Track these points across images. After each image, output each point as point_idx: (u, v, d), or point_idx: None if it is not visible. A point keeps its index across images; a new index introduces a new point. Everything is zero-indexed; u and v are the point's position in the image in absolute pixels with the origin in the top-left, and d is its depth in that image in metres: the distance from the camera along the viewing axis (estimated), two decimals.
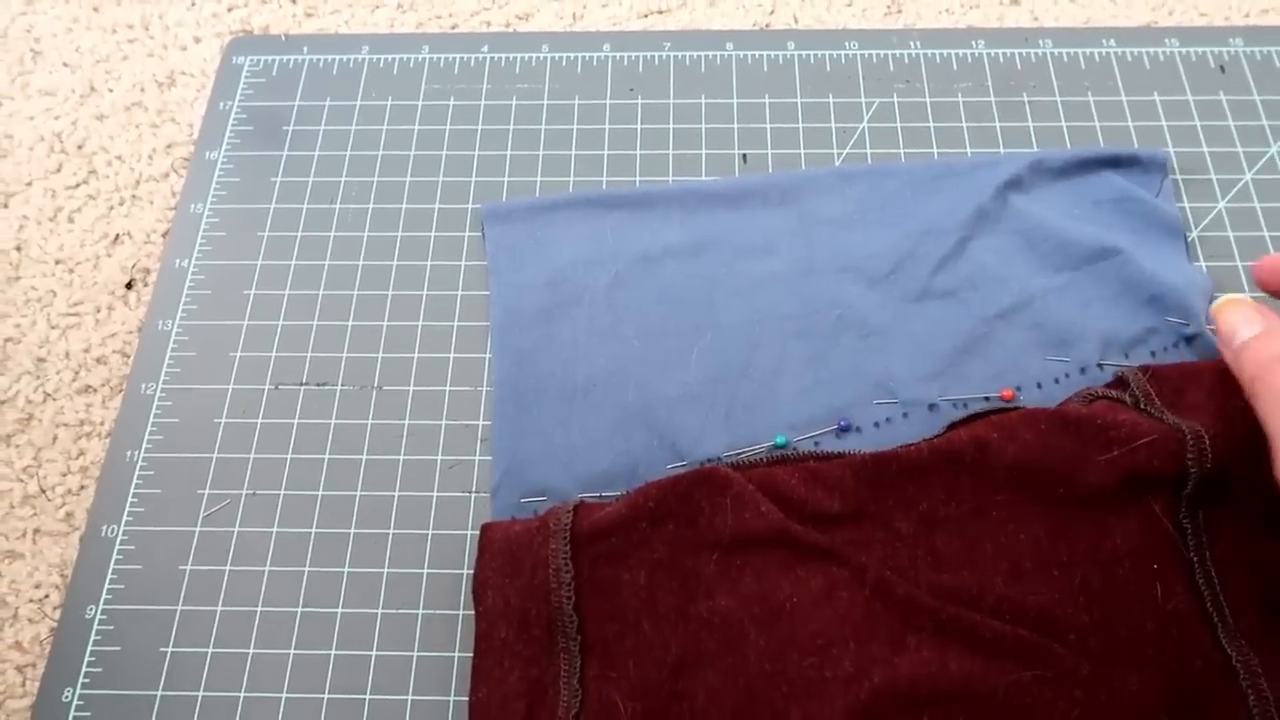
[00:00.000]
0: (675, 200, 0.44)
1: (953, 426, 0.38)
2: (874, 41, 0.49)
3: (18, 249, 0.45)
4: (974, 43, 0.49)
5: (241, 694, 0.35)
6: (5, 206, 0.47)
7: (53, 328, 0.43)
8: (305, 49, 0.50)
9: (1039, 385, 0.40)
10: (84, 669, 0.36)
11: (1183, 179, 0.44)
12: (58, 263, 0.45)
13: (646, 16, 0.51)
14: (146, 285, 0.44)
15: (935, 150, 0.46)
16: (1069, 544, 0.34)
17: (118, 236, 0.46)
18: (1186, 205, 0.44)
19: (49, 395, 0.42)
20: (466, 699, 0.34)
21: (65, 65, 0.51)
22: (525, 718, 0.33)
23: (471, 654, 0.34)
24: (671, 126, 0.47)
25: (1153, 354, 0.40)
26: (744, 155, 0.46)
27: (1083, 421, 0.35)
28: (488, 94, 0.48)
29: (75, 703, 0.36)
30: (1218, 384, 0.37)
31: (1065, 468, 0.35)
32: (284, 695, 0.35)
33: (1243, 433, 0.35)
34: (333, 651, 0.36)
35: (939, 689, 0.33)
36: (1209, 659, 0.33)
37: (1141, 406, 0.36)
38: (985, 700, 0.32)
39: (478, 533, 0.36)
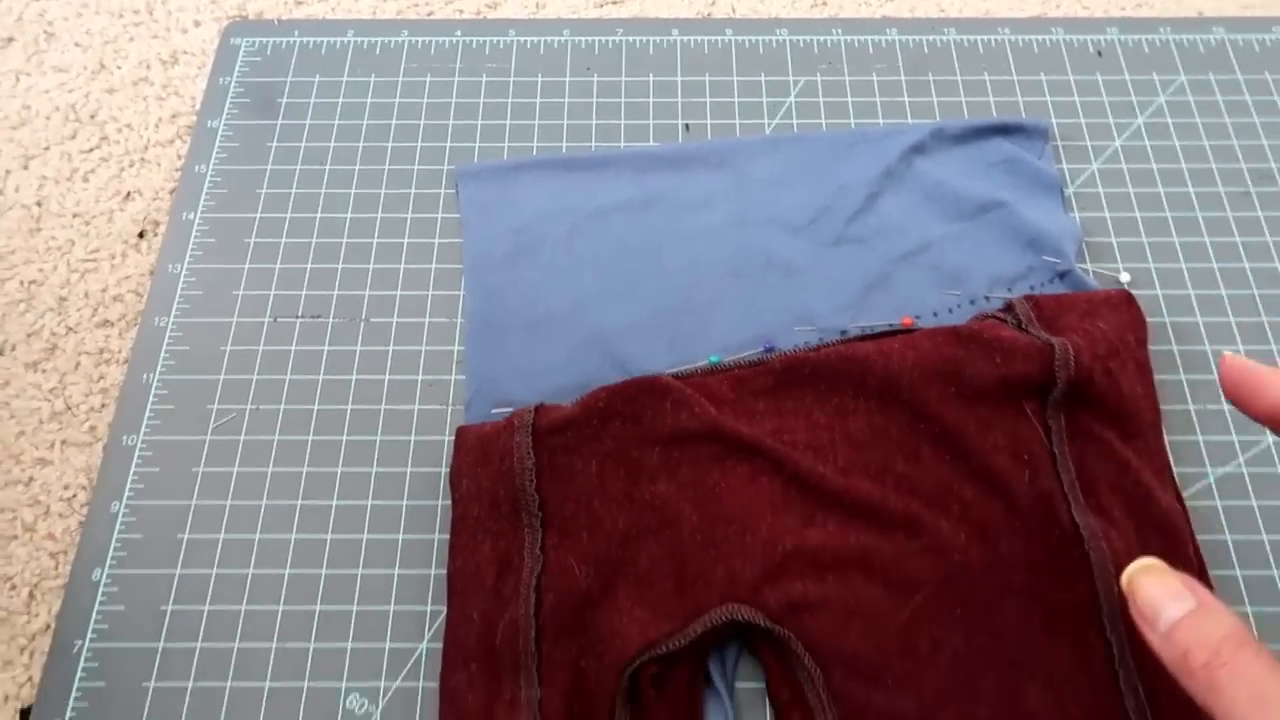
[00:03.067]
0: (626, 163, 0.51)
1: (857, 339, 0.44)
2: (801, 29, 0.56)
3: (38, 204, 0.51)
4: (888, 30, 0.56)
5: (250, 570, 0.41)
6: (25, 168, 0.52)
7: (73, 271, 0.49)
8: (296, 32, 0.56)
9: (935, 314, 0.46)
10: (110, 553, 0.41)
11: (1062, 145, 0.51)
12: (75, 216, 0.51)
13: (601, 6, 0.58)
14: (157, 235, 0.50)
15: (853, 121, 0.52)
16: (959, 434, 0.41)
17: (129, 194, 0.51)
18: (1064, 166, 0.51)
19: (71, 329, 0.47)
20: (445, 571, 0.40)
21: (77, 45, 0.56)
22: (496, 579, 0.39)
23: (449, 535, 0.40)
24: (623, 100, 0.53)
25: (1031, 288, 0.47)
26: (686, 125, 0.53)
27: (972, 335, 0.42)
28: (460, 72, 0.55)
29: (104, 581, 0.41)
30: (1084, 313, 0.44)
31: (957, 372, 0.41)
32: (287, 571, 0.41)
33: (1103, 351, 0.42)
34: (329, 536, 0.42)
35: (840, 555, 0.39)
36: (1063, 528, 0.39)
37: (1022, 327, 0.43)
38: (878, 564, 0.39)
39: (454, 437, 0.42)
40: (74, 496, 0.43)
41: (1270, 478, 0.42)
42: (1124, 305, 0.44)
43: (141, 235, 0.50)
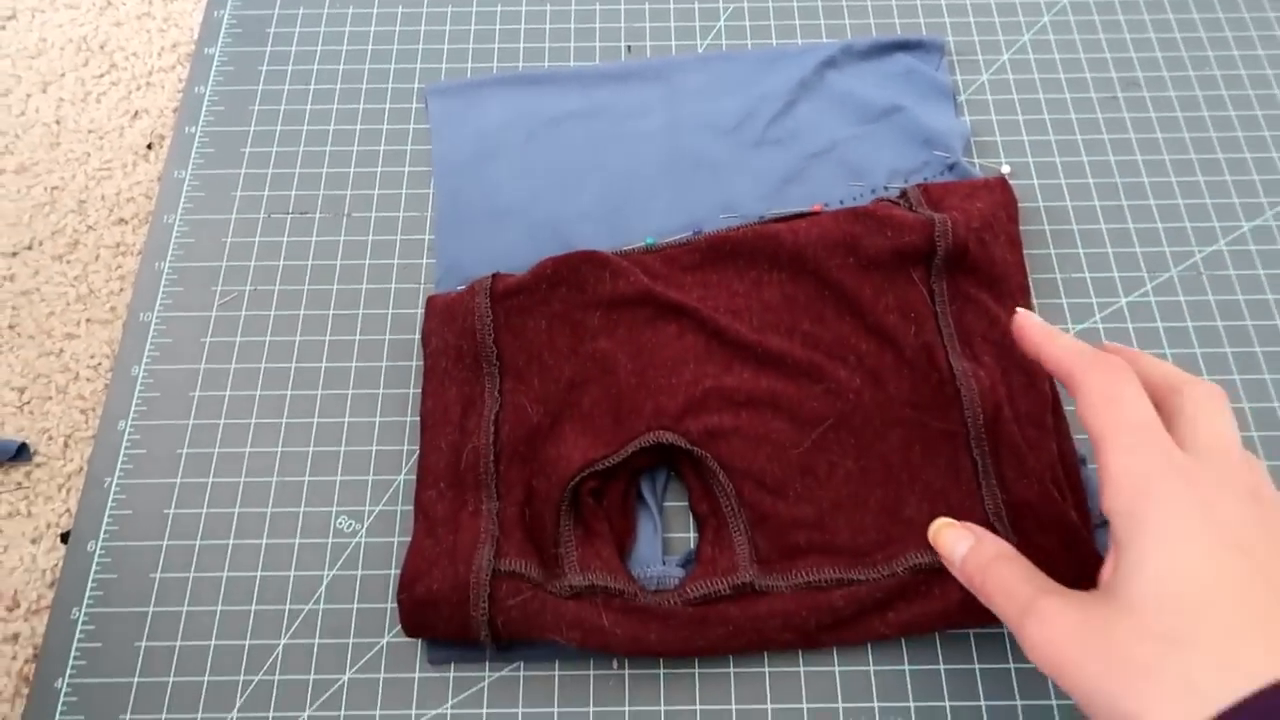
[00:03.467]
0: (575, 78, 0.58)
1: (772, 221, 0.51)
2: None
3: (57, 122, 0.58)
4: None
5: (252, 420, 0.48)
6: (44, 92, 0.59)
7: (90, 179, 0.56)
8: None
9: (841, 202, 0.53)
10: (132, 408, 0.49)
11: (957, 59, 0.59)
12: (90, 132, 0.57)
13: None
14: (163, 147, 0.57)
15: (774, 40, 0.60)
16: (856, 298, 0.48)
17: (137, 113, 0.58)
18: (959, 77, 0.58)
19: (90, 227, 0.54)
20: (418, 417, 0.47)
21: None
22: (461, 416, 0.46)
23: (421, 387, 0.48)
24: (572, 26, 0.60)
25: (925, 178, 0.54)
26: (628, 46, 0.60)
27: (868, 213, 0.49)
28: (429, 4, 0.61)
29: (127, 430, 0.48)
30: (965, 196, 0.51)
31: (855, 245, 0.48)
32: (284, 420, 0.48)
33: (976, 224, 0.49)
34: (319, 392, 0.49)
35: (753, 395, 0.46)
36: (942, 373, 0.46)
37: (912, 208, 0.51)
38: (785, 403, 0.46)
39: (425, 305, 0.49)
40: (99, 364, 0.50)
41: (1119, 331, 0.50)
42: (999, 189, 0.51)
43: (149, 147, 0.57)
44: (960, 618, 0.42)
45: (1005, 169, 0.54)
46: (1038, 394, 0.46)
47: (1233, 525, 0.29)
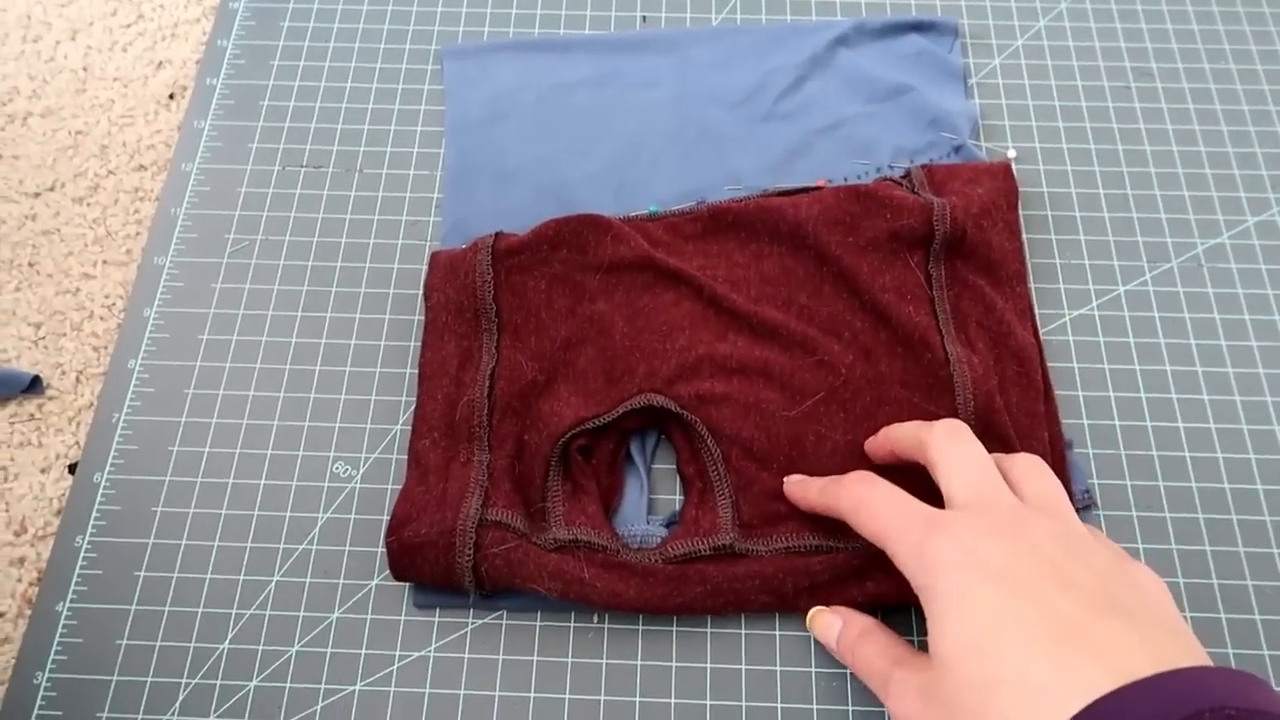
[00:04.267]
0: (587, 46, 0.59)
1: (775, 194, 0.52)
2: None
3: (84, 69, 0.59)
4: None
5: (257, 365, 0.50)
6: (73, 39, 0.60)
7: (113, 125, 0.57)
8: None
9: (845, 179, 0.54)
10: (143, 348, 0.50)
11: (971, 42, 0.59)
12: (115, 80, 0.59)
13: None
14: (184, 97, 0.58)
15: (789, 16, 0.60)
16: (854, 275, 0.48)
17: (161, 63, 0.59)
18: (971, 60, 0.58)
19: (111, 172, 0.56)
20: (418, 370, 0.48)
21: None
22: (458, 370, 0.47)
23: (421, 340, 0.49)
24: None
25: (931, 159, 0.54)
26: (643, 17, 0.60)
27: (869, 193, 0.50)
28: None
29: (137, 369, 0.50)
30: (968, 180, 0.51)
31: (855, 224, 0.49)
32: (287, 367, 0.50)
33: (975, 210, 0.49)
34: (322, 341, 0.50)
35: (746, 363, 0.47)
36: (935, 355, 0.46)
37: (914, 190, 0.51)
38: (777, 373, 0.47)
39: (428, 260, 0.50)
40: (113, 304, 0.52)
41: (1115, 319, 0.50)
42: (1002, 175, 0.51)
43: (171, 97, 0.58)
44: None
45: (1011, 153, 0.55)
46: (1030, 383, 0.47)
47: (996, 563, 0.33)
